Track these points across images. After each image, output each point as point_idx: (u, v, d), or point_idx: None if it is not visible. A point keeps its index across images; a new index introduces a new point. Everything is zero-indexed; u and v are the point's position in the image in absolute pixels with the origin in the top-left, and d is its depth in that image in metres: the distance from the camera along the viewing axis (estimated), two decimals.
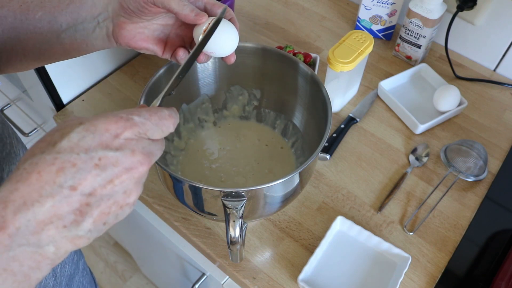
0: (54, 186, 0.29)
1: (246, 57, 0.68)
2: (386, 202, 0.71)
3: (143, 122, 0.33)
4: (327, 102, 0.60)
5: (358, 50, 0.75)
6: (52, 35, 0.48)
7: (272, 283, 0.64)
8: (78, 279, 0.64)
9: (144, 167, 0.33)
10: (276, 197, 0.59)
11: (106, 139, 0.31)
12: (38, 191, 0.29)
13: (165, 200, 0.71)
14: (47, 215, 0.29)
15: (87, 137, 0.31)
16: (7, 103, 1.13)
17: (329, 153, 0.76)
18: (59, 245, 0.30)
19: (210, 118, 0.77)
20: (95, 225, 0.31)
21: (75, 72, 0.83)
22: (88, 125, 0.31)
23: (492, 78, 0.90)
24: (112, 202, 0.31)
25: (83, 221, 0.30)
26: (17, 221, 0.28)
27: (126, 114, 0.33)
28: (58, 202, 0.29)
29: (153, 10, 0.46)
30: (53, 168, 0.29)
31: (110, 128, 0.31)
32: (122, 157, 0.31)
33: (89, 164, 0.30)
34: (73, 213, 0.30)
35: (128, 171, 0.32)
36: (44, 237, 0.29)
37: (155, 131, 0.34)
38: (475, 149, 0.74)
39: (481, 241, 0.68)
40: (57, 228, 0.29)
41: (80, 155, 0.30)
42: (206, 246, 0.67)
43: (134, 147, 0.32)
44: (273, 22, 0.99)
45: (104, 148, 0.31)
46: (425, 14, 0.82)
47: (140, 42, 0.49)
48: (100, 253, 1.60)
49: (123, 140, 0.32)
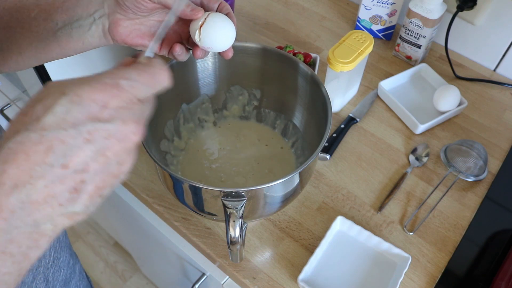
0: (45, 166, 0.28)
1: (246, 57, 0.68)
2: (386, 202, 0.71)
3: (131, 85, 0.31)
4: (327, 102, 0.60)
5: (358, 50, 0.75)
6: (48, 33, 0.48)
7: (272, 283, 0.64)
8: (75, 283, 0.63)
9: (137, 136, 0.31)
10: (276, 197, 0.59)
11: (94, 111, 0.29)
12: (28, 172, 0.27)
13: (165, 200, 0.71)
14: (41, 195, 0.28)
15: (73, 109, 0.28)
16: (7, 103, 1.13)
17: (329, 153, 0.76)
18: (56, 222, 0.29)
19: (210, 118, 0.77)
20: (91, 200, 0.30)
21: (75, 72, 0.83)
22: (72, 96, 0.29)
23: (492, 78, 0.90)
24: (106, 175, 0.30)
25: (79, 198, 0.29)
26: (10, 204, 0.27)
27: (111, 79, 0.30)
28: (50, 182, 0.28)
29: (148, 6, 0.46)
30: (40, 147, 0.27)
31: (97, 98, 0.29)
32: (113, 129, 0.29)
33: (78, 139, 0.28)
34: (68, 191, 0.29)
35: (120, 142, 0.30)
36: (40, 216, 0.28)
37: (146, 91, 0.32)
38: (475, 149, 0.74)
39: (481, 241, 0.68)
40: (52, 207, 0.28)
41: (68, 130, 0.28)
42: (206, 246, 0.67)
43: (125, 117, 0.30)
44: (273, 22, 0.99)
45: (93, 121, 0.29)
46: (425, 14, 0.82)
47: (136, 39, 0.49)
48: (100, 253, 1.60)
49: (112, 110, 0.30)
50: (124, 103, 0.30)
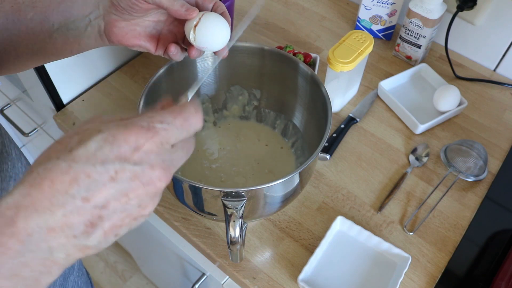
0: (66, 196, 0.28)
1: (246, 57, 0.68)
2: (386, 202, 0.71)
3: (165, 128, 0.31)
4: (327, 102, 0.60)
5: (358, 50, 0.75)
6: (44, 35, 0.48)
7: (272, 283, 0.64)
8: (73, 278, 0.63)
9: (163, 183, 0.31)
10: (276, 197, 0.59)
11: (125, 152, 0.30)
12: (50, 199, 0.28)
13: (165, 200, 0.71)
14: (58, 223, 0.29)
15: (105, 148, 0.29)
16: (7, 103, 1.13)
17: (329, 153, 0.76)
18: (69, 252, 0.30)
19: (210, 118, 0.77)
20: (106, 237, 0.30)
21: (75, 72, 0.83)
22: (107, 135, 0.30)
23: (492, 78, 0.90)
24: (126, 215, 0.31)
25: (93, 233, 0.30)
26: (28, 228, 0.28)
27: (148, 123, 0.31)
28: (69, 212, 0.29)
29: (143, 6, 0.46)
30: (66, 177, 0.28)
31: (130, 140, 0.30)
32: (140, 172, 0.30)
33: (104, 176, 0.29)
34: (84, 224, 0.29)
35: (145, 186, 0.30)
36: (54, 244, 0.29)
37: (179, 134, 0.33)
38: (475, 149, 0.74)
39: (481, 241, 0.68)
40: (67, 237, 0.29)
41: (96, 166, 0.29)
42: (206, 246, 0.67)
43: (153, 162, 0.31)
44: (273, 22, 0.99)
45: (122, 161, 0.29)
46: (425, 14, 0.82)
47: (132, 40, 0.49)
48: (100, 253, 1.60)
49: (143, 153, 0.30)
50: (155, 147, 0.31)
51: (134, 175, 0.30)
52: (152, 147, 0.31)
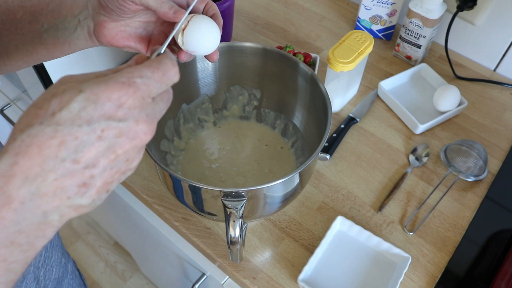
0: (56, 160, 0.28)
1: (246, 57, 0.68)
2: (386, 202, 0.71)
3: (146, 83, 0.32)
4: (327, 102, 0.60)
5: (358, 50, 0.75)
6: (34, 36, 0.47)
7: (272, 283, 0.64)
8: (67, 282, 0.63)
9: (148, 136, 0.32)
10: (276, 197, 0.59)
11: (109, 109, 0.30)
12: (40, 165, 0.28)
13: (165, 200, 0.71)
14: (51, 188, 0.29)
15: (88, 107, 0.29)
16: (7, 103, 1.13)
17: (329, 153, 0.76)
18: (63, 213, 0.30)
19: (210, 118, 0.77)
20: (99, 194, 0.31)
21: (75, 72, 0.83)
22: (89, 94, 0.29)
23: (492, 78, 0.90)
24: (115, 171, 0.31)
25: (87, 192, 0.30)
26: (20, 196, 0.28)
27: (128, 78, 0.31)
28: (61, 176, 0.29)
29: (131, 7, 0.45)
30: (54, 141, 0.28)
31: (113, 97, 0.30)
32: (126, 128, 0.30)
33: (91, 136, 0.29)
34: (77, 185, 0.29)
35: (131, 141, 0.31)
36: (48, 208, 0.29)
37: (159, 88, 0.33)
38: (475, 149, 0.74)
39: (481, 241, 0.68)
40: (61, 199, 0.29)
41: (82, 127, 0.29)
42: (206, 246, 0.67)
43: (138, 116, 0.31)
44: (273, 22, 0.99)
45: (107, 119, 0.30)
46: (425, 14, 0.82)
47: (122, 41, 0.48)
48: (100, 253, 1.60)
49: (126, 110, 0.31)
50: (138, 102, 0.31)
51: (120, 131, 0.30)
52: (135, 103, 0.31)
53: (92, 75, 0.32)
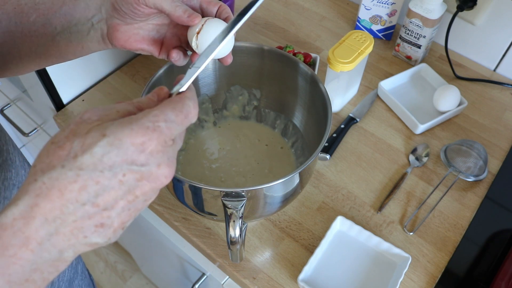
0: (77, 204, 0.29)
1: (246, 57, 0.68)
2: (386, 202, 0.71)
3: (169, 127, 0.31)
4: (327, 102, 0.60)
5: (358, 50, 0.75)
6: (47, 38, 0.48)
7: (272, 283, 0.64)
8: (78, 282, 0.63)
9: (168, 179, 0.32)
10: (276, 197, 0.59)
11: (132, 154, 0.30)
12: (60, 208, 0.28)
13: (165, 200, 0.71)
14: (69, 229, 0.29)
15: (111, 152, 0.29)
16: (7, 103, 1.13)
17: (329, 153, 0.76)
18: (78, 249, 0.31)
19: (210, 118, 0.77)
20: (115, 233, 0.31)
21: (75, 72, 0.83)
22: (112, 139, 0.29)
23: (492, 78, 0.90)
24: (133, 211, 0.31)
25: (104, 232, 0.30)
26: (39, 237, 0.28)
27: (153, 123, 0.31)
28: (80, 218, 0.29)
29: (145, 11, 0.45)
30: (75, 186, 0.28)
31: (136, 142, 0.30)
32: (147, 172, 0.30)
33: (113, 181, 0.29)
34: (94, 225, 0.30)
35: (151, 184, 0.31)
36: (64, 246, 0.30)
37: (180, 129, 0.33)
38: (475, 149, 0.74)
39: (481, 241, 0.68)
40: (77, 238, 0.30)
41: (104, 172, 0.29)
42: (206, 246, 0.67)
43: (160, 161, 0.31)
44: (273, 22, 0.99)
45: (130, 164, 0.30)
46: (425, 14, 0.82)
47: (135, 44, 0.48)
48: (100, 253, 1.60)
49: (149, 155, 0.30)
50: (161, 146, 0.31)
51: (142, 175, 0.30)
52: (158, 148, 0.31)
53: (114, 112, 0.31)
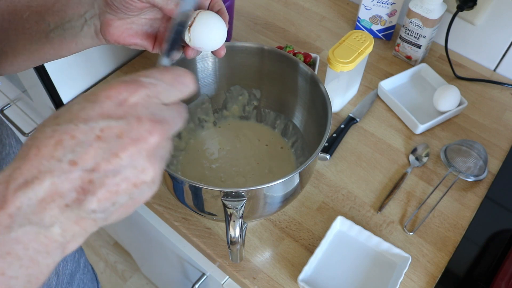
0: (53, 160, 0.27)
1: (246, 57, 0.68)
2: (386, 202, 0.71)
3: (152, 82, 0.29)
4: (327, 102, 0.60)
5: (358, 50, 0.75)
6: (40, 35, 0.48)
7: (272, 283, 0.64)
8: (79, 276, 0.64)
9: (155, 137, 0.28)
10: (276, 197, 0.59)
11: (108, 108, 0.28)
12: (37, 167, 0.26)
13: (165, 200, 0.71)
14: (48, 192, 0.27)
15: (87, 107, 0.28)
16: (7, 103, 1.13)
17: (329, 153, 0.76)
18: (65, 226, 0.28)
19: (210, 118, 0.77)
20: (100, 205, 0.28)
21: (75, 72, 0.83)
22: (89, 95, 0.28)
23: (492, 78, 0.90)
24: (120, 179, 0.28)
25: (85, 200, 0.27)
26: (17, 200, 0.26)
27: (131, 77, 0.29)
28: (57, 178, 0.27)
29: (138, 5, 0.45)
30: (51, 141, 0.27)
31: (112, 95, 0.28)
32: (126, 126, 0.28)
33: (89, 135, 0.27)
34: (75, 190, 0.27)
35: (135, 142, 0.28)
36: (46, 216, 0.27)
37: (170, 92, 0.30)
38: (475, 149, 0.74)
39: (481, 241, 0.68)
40: (59, 207, 0.27)
41: (78, 125, 0.27)
42: (206, 246, 0.67)
43: (140, 113, 0.28)
44: (273, 22, 0.99)
45: (106, 118, 0.27)
46: (425, 14, 0.82)
47: (128, 38, 0.48)
48: (100, 253, 1.60)
49: (127, 107, 0.28)
50: (141, 99, 0.29)
51: (121, 131, 0.27)
52: (137, 99, 0.28)
53: None
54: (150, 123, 0.28)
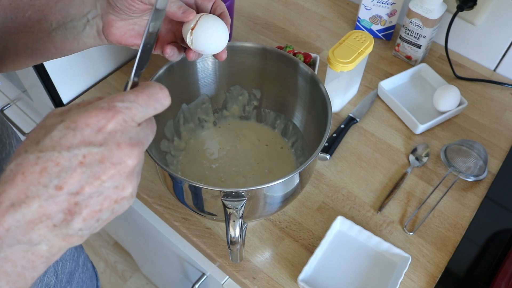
0: (39, 186, 0.28)
1: (246, 57, 0.68)
2: (386, 202, 0.71)
3: (128, 106, 0.31)
4: (327, 102, 0.60)
5: (358, 50, 0.75)
6: (43, 34, 0.48)
7: (272, 283, 0.64)
8: (78, 275, 0.64)
9: (133, 160, 0.31)
10: (276, 197, 0.59)
11: (88, 135, 0.29)
12: (24, 192, 0.28)
13: (165, 200, 0.71)
14: (36, 215, 0.29)
15: (68, 134, 0.29)
16: (7, 103, 1.13)
17: (329, 153, 0.76)
18: (52, 243, 0.30)
19: (210, 118, 0.77)
20: (86, 223, 0.30)
21: (75, 72, 0.83)
22: (68, 122, 0.29)
23: (492, 78, 0.90)
24: (103, 199, 0.30)
25: (72, 220, 0.29)
26: (5, 222, 0.28)
27: (108, 103, 0.31)
28: (44, 202, 0.29)
29: (140, 7, 0.46)
30: (36, 168, 0.29)
31: (91, 123, 0.30)
32: (107, 152, 0.30)
33: (73, 162, 0.29)
34: (62, 212, 0.29)
35: (115, 166, 0.30)
36: (35, 236, 0.29)
37: (145, 112, 0.32)
38: (475, 149, 0.74)
39: (481, 241, 0.68)
40: (47, 227, 0.29)
41: (62, 153, 0.29)
42: (206, 246, 0.67)
43: (119, 140, 0.30)
44: (273, 22, 0.99)
45: (87, 145, 0.29)
46: (425, 14, 0.82)
47: (130, 39, 0.49)
48: (100, 253, 1.60)
49: (106, 134, 0.30)
50: (119, 125, 0.30)
51: (102, 156, 0.29)
52: (115, 126, 0.30)
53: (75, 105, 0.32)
54: (129, 148, 0.30)
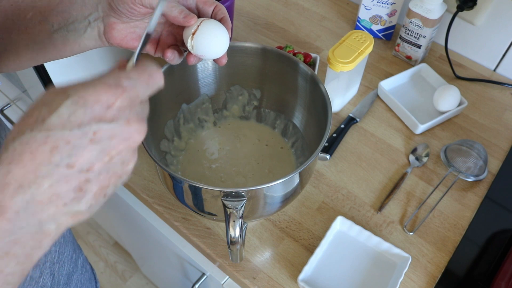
0: (50, 166, 0.28)
1: (246, 57, 0.68)
2: (386, 202, 0.71)
3: (133, 85, 0.31)
4: (327, 102, 0.60)
5: (358, 50, 0.75)
6: (44, 36, 0.48)
7: (272, 283, 0.64)
8: (77, 277, 0.64)
9: (141, 135, 0.31)
10: (276, 197, 0.59)
11: (99, 112, 0.29)
12: (34, 172, 0.28)
13: (165, 200, 0.71)
14: (46, 195, 0.28)
15: (78, 111, 0.29)
16: (7, 103, 1.13)
17: (329, 153, 0.76)
18: (60, 221, 0.30)
19: (210, 118, 0.77)
20: (96, 199, 0.30)
21: (75, 72, 0.83)
22: (76, 98, 0.29)
23: (492, 78, 0.90)
24: (111, 174, 0.31)
25: (84, 197, 0.29)
26: (15, 205, 0.28)
27: (115, 80, 0.31)
28: (56, 181, 0.28)
29: (141, 10, 0.46)
30: (46, 147, 0.28)
31: (101, 99, 0.29)
32: (118, 128, 0.30)
33: (84, 140, 0.29)
34: (73, 190, 0.29)
35: (125, 142, 0.30)
36: (44, 216, 0.29)
37: (146, 90, 0.33)
38: (475, 149, 0.74)
39: (481, 241, 0.68)
40: (57, 206, 0.29)
41: (73, 131, 0.28)
42: (206, 246, 0.67)
43: (129, 116, 0.31)
44: (273, 22, 0.99)
45: (98, 122, 0.29)
46: (425, 14, 0.82)
47: (131, 42, 0.49)
48: (100, 253, 1.60)
49: (116, 111, 0.30)
50: (127, 103, 0.31)
51: (112, 133, 0.30)
52: (124, 104, 0.31)
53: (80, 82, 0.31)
54: (138, 124, 0.31)
